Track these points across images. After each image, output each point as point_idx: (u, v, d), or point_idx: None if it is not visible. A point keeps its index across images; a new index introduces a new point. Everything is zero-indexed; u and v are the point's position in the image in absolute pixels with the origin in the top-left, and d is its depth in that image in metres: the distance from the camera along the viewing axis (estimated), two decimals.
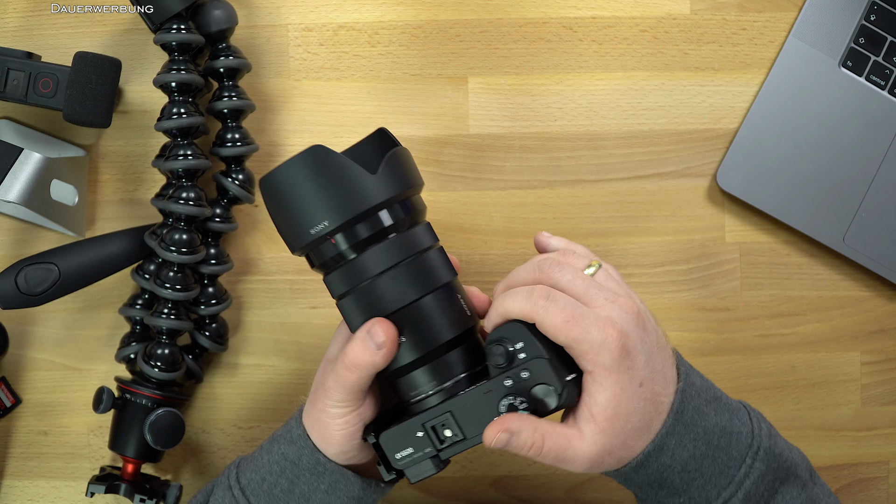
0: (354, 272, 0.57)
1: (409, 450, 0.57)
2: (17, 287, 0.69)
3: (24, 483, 0.77)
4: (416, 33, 0.78)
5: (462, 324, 0.58)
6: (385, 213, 0.56)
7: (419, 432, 0.56)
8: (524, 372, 0.54)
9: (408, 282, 0.57)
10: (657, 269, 0.79)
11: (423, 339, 0.57)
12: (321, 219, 0.56)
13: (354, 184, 0.56)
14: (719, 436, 0.59)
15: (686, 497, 0.59)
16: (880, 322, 0.80)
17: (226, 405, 0.78)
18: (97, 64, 0.68)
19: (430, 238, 0.59)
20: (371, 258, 0.56)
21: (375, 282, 0.57)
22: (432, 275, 0.57)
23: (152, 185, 0.77)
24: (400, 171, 0.58)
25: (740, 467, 0.58)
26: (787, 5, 0.79)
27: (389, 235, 0.57)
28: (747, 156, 0.78)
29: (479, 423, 0.55)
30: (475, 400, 0.55)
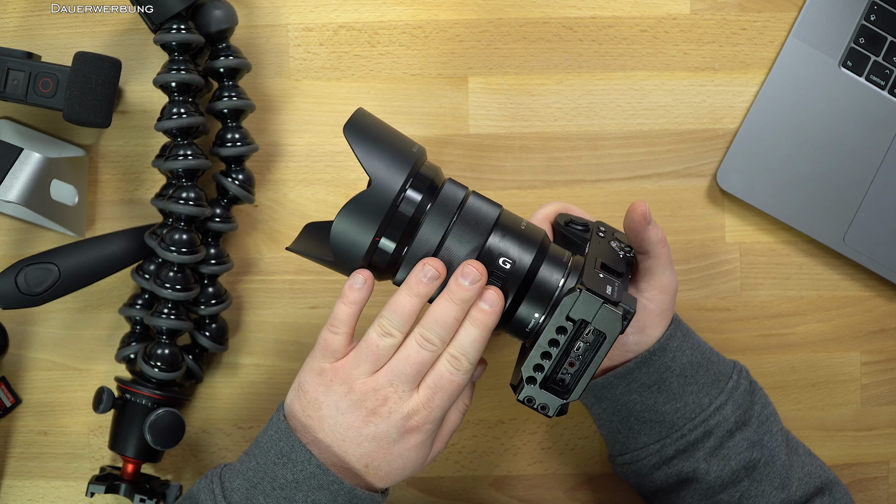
0: (449, 204, 0.59)
1: (609, 287, 0.58)
2: (17, 287, 0.69)
3: (24, 483, 0.77)
4: (416, 33, 0.78)
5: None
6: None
7: (600, 274, 0.59)
8: (601, 228, 0.67)
9: (486, 199, 0.61)
10: None
11: (530, 237, 0.61)
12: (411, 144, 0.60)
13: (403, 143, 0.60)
14: (709, 352, 0.67)
15: (682, 402, 0.65)
16: (880, 322, 0.80)
17: (226, 405, 0.78)
18: (97, 64, 0.68)
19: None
20: (451, 191, 0.60)
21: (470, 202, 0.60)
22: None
23: (152, 185, 0.77)
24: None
25: (728, 381, 0.66)
26: (787, 5, 0.79)
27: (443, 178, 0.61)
28: (747, 156, 0.78)
29: (617, 261, 0.62)
30: (600, 248, 0.63)
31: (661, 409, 0.65)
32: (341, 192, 0.77)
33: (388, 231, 0.58)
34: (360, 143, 0.58)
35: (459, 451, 0.79)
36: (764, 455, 0.65)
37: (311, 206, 0.77)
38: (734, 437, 0.65)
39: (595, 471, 0.79)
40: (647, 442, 0.66)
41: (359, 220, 0.57)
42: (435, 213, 0.58)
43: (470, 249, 0.58)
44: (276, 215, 0.77)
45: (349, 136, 0.58)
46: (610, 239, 0.65)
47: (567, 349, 0.57)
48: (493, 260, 0.59)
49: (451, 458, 0.78)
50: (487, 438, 0.79)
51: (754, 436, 0.65)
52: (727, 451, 0.65)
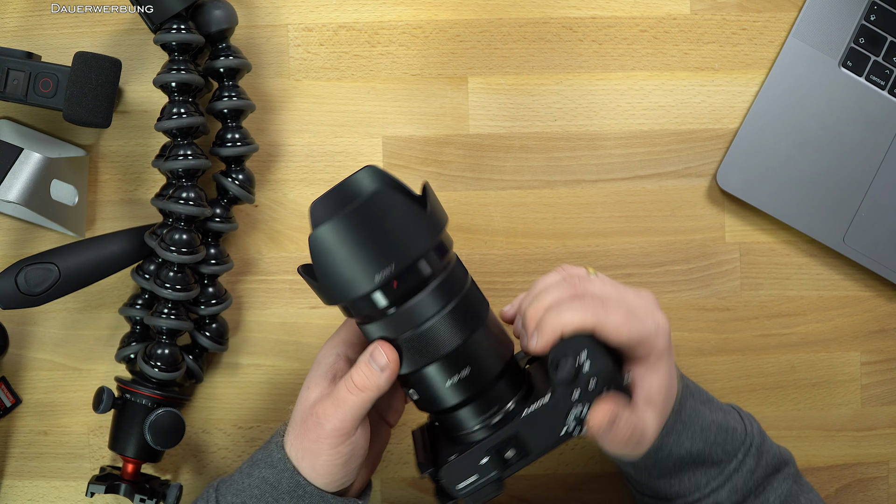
0: (407, 320, 0.56)
1: (473, 478, 0.56)
2: (17, 287, 0.69)
3: (24, 483, 0.77)
4: (416, 33, 0.78)
5: (507, 352, 0.58)
6: (432, 255, 0.56)
7: (484, 459, 0.56)
8: (592, 380, 0.55)
9: (456, 324, 0.56)
10: (657, 269, 0.79)
11: (477, 377, 0.56)
12: (386, 262, 0.54)
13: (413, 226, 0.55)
14: (716, 432, 0.62)
15: (676, 480, 0.63)
16: (880, 322, 0.80)
17: (226, 405, 0.78)
18: (97, 64, 0.68)
19: (466, 274, 0.58)
20: (421, 305, 0.55)
21: (432, 324, 0.56)
22: (475, 312, 0.57)
23: (152, 185, 0.77)
24: (437, 205, 0.57)
25: (731, 461, 0.62)
26: (787, 5, 0.79)
27: (433, 281, 0.55)
28: (747, 156, 0.78)
29: (545, 438, 0.56)
30: (541, 417, 0.55)
31: (654, 483, 0.64)
32: None
33: (388, 288, 0.55)
34: (343, 243, 0.54)
35: None
36: None
37: None
38: None
39: (595, 471, 0.79)
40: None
41: (367, 262, 0.54)
42: (443, 286, 0.55)
43: (454, 338, 0.56)
44: (276, 215, 0.77)
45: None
46: (581, 402, 0.55)
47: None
48: (469, 356, 0.56)
49: None
50: None
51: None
52: None
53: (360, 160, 0.77)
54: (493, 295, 0.77)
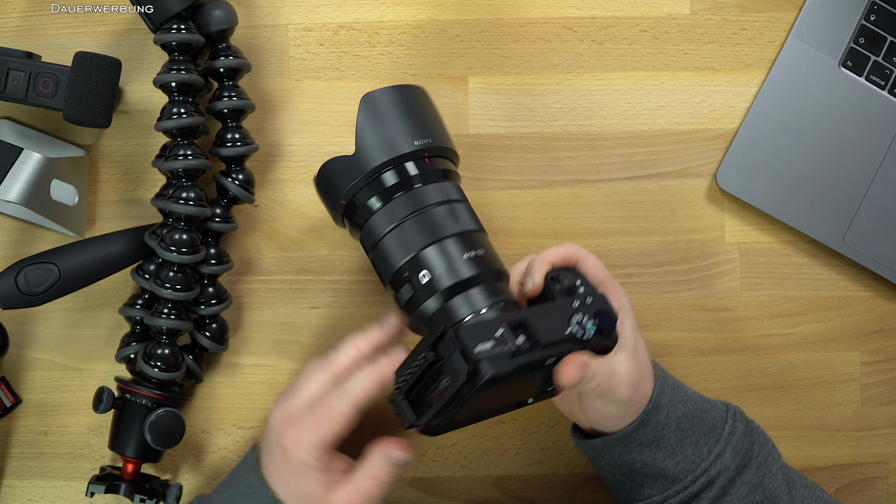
0: (422, 197, 0.62)
1: (489, 343, 0.55)
2: (17, 287, 0.69)
3: (24, 483, 0.77)
4: (416, 33, 0.78)
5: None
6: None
7: (500, 329, 0.56)
8: (588, 298, 0.60)
9: (472, 216, 0.63)
10: (657, 269, 0.79)
11: (489, 261, 0.61)
12: (425, 136, 0.63)
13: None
14: (700, 400, 0.67)
15: (682, 455, 0.64)
16: (880, 322, 0.80)
17: (226, 405, 0.78)
18: (97, 64, 0.68)
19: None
20: (445, 188, 0.63)
21: (454, 206, 0.63)
22: (482, 224, 0.64)
23: (152, 185, 0.77)
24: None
25: (724, 427, 0.66)
26: (787, 5, 0.79)
27: (455, 177, 0.65)
28: (747, 156, 0.78)
29: (552, 333, 0.57)
30: (548, 312, 0.58)
31: (661, 464, 0.65)
32: None
33: (370, 187, 0.62)
34: (392, 107, 0.63)
35: (459, 451, 0.79)
36: (766, 497, 0.65)
37: (311, 206, 0.77)
38: (735, 483, 0.65)
39: (595, 471, 0.79)
40: (651, 494, 0.66)
41: (348, 167, 0.63)
42: (412, 195, 0.62)
43: (420, 238, 0.61)
44: (276, 215, 0.77)
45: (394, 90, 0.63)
46: (582, 312, 0.60)
47: (434, 374, 0.56)
48: (416, 271, 0.60)
49: (451, 458, 0.78)
50: (487, 438, 0.79)
51: (755, 478, 0.65)
52: (730, 499, 0.64)
53: None
54: None
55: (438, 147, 0.63)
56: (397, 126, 0.62)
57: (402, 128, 0.63)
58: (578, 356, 0.58)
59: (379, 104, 0.63)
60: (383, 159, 0.62)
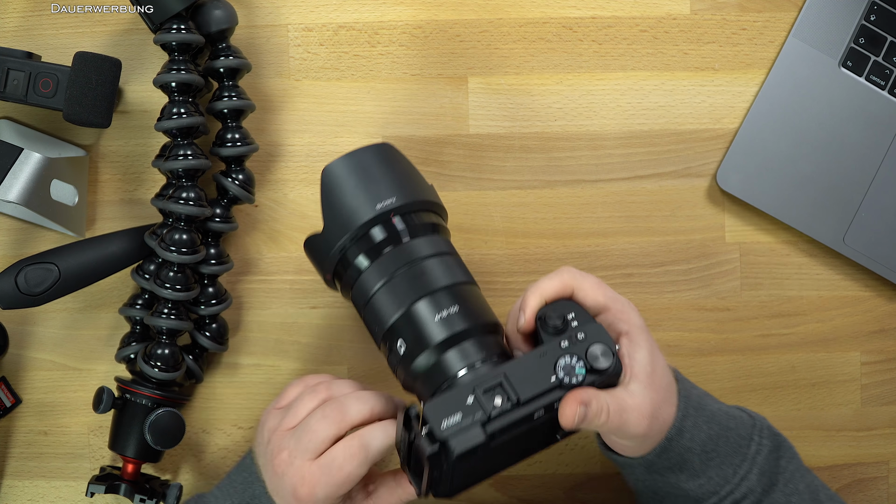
0: (403, 256, 0.60)
1: (457, 416, 0.53)
2: (17, 287, 0.69)
3: (24, 483, 0.77)
4: (416, 33, 0.78)
5: (495, 318, 0.61)
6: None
7: (469, 397, 0.54)
8: (580, 333, 0.56)
9: (449, 269, 0.61)
10: (657, 269, 0.79)
11: (472, 312, 0.59)
12: (388, 196, 0.61)
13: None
14: (725, 418, 0.62)
15: (706, 478, 0.61)
16: (880, 322, 0.80)
17: (226, 405, 0.78)
18: (97, 64, 0.67)
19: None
20: (423, 243, 0.61)
21: (425, 262, 0.60)
22: (467, 271, 0.62)
23: (152, 185, 0.77)
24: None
25: (750, 445, 0.62)
26: (787, 5, 0.79)
27: (431, 233, 0.62)
28: (747, 156, 0.78)
29: (533, 385, 0.54)
30: (531, 362, 0.55)
31: (684, 485, 0.62)
32: None
33: (360, 243, 0.61)
34: (382, 159, 0.63)
35: None
36: None
37: (311, 206, 0.77)
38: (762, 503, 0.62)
39: (595, 471, 0.79)
40: None
41: (321, 244, 0.62)
42: (382, 262, 0.61)
43: (391, 309, 0.59)
44: (276, 215, 0.77)
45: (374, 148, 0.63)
46: (570, 353, 0.56)
47: (416, 452, 0.54)
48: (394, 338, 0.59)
49: None
50: None
51: (781, 497, 0.62)
52: None
53: None
54: (493, 295, 0.77)
55: (406, 204, 0.62)
56: (356, 194, 0.61)
57: (361, 195, 0.61)
58: (579, 393, 0.55)
59: (336, 176, 0.62)
60: (345, 234, 0.61)
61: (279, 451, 0.62)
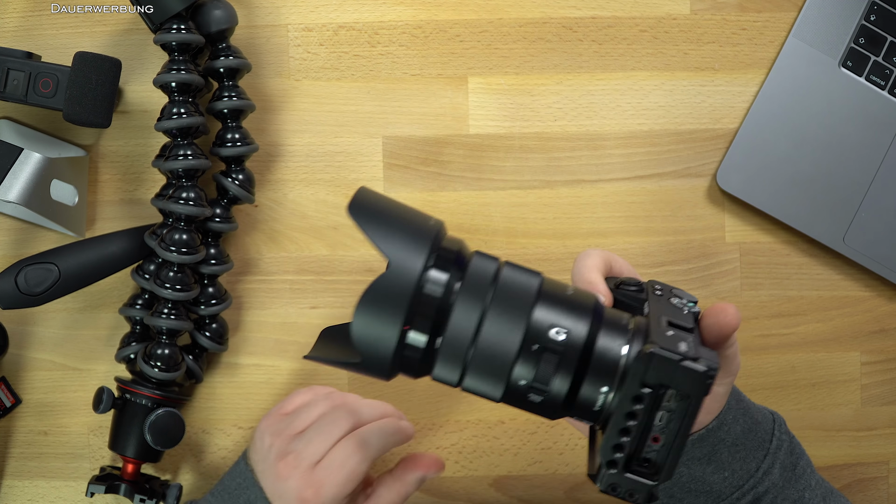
0: (482, 275, 0.51)
1: (682, 344, 0.48)
2: (17, 287, 0.69)
3: (24, 483, 0.77)
4: (416, 33, 0.78)
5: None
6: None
7: (669, 331, 0.49)
8: (656, 287, 0.55)
9: (521, 268, 0.52)
10: (657, 269, 0.79)
11: (580, 289, 0.52)
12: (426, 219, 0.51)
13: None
14: (754, 410, 0.61)
15: (730, 471, 0.60)
16: (880, 322, 0.80)
17: (226, 405, 0.78)
18: (97, 64, 0.67)
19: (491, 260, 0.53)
20: (479, 259, 0.52)
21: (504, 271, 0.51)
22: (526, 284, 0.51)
23: (152, 185, 0.77)
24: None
25: (771, 440, 0.61)
26: (787, 5, 0.79)
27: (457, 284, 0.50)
28: (747, 156, 0.78)
29: (683, 317, 0.51)
30: (661, 306, 0.52)
31: (708, 479, 0.60)
32: (341, 192, 0.77)
33: (416, 321, 0.49)
34: (370, 222, 0.49)
35: (459, 451, 0.79)
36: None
37: (311, 206, 0.77)
38: (778, 499, 0.61)
39: None
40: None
41: (380, 312, 0.48)
42: (466, 292, 0.50)
43: (513, 330, 0.49)
44: (276, 215, 0.77)
45: (356, 215, 0.49)
46: (669, 296, 0.54)
47: (648, 422, 0.47)
48: (544, 334, 0.48)
49: (451, 458, 0.78)
50: (487, 438, 0.79)
51: (795, 493, 0.61)
52: None
53: (360, 160, 0.77)
54: None
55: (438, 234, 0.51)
56: (403, 218, 0.50)
57: (408, 217, 0.50)
58: (719, 303, 0.53)
59: (369, 204, 0.50)
60: (422, 257, 0.49)
61: (283, 454, 0.62)
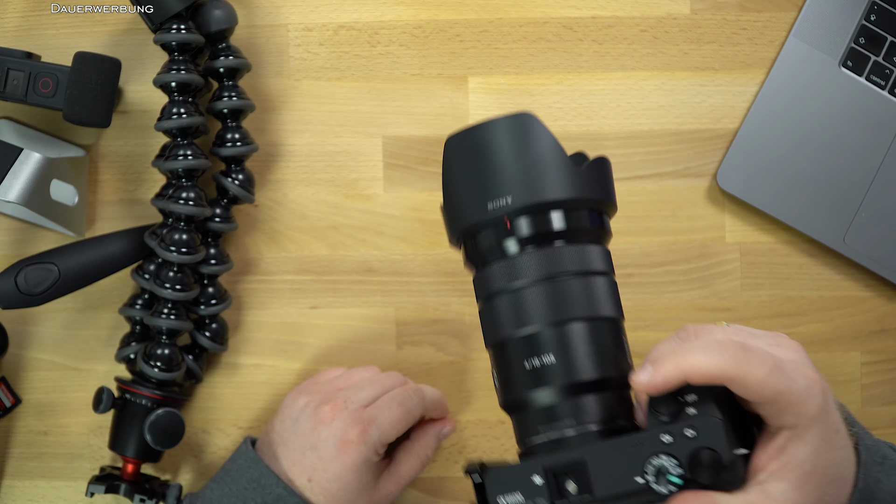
0: (576, 258, 0.50)
1: (517, 496, 0.46)
2: (17, 287, 0.69)
3: (24, 483, 0.77)
4: (416, 33, 0.78)
5: (615, 369, 0.48)
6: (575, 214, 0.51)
7: (537, 477, 0.46)
8: (689, 430, 0.44)
9: (616, 294, 0.51)
10: (657, 269, 0.79)
11: (561, 372, 0.48)
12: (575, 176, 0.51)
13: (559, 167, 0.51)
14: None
15: None
16: (880, 322, 0.80)
17: (226, 405, 0.78)
18: (97, 64, 0.68)
19: (607, 264, 0.52)
20: (596, 252, 0.52)
21: (596, 278, 0.50)
22: (599, 300, 0.50)
23: (152, 185, 0.77)
24: (603, 179, 0.54)
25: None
26: (787, 5, 0.79)
27: (573, 241, 0.50)
28: (747, 156, 0.78)
29: (613, 483, 0.45)
30: (618, 452, 0.45)
31: None
32: (341, 192, 0.77)
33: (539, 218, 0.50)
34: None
35: (459, 451, 0.78)
36: None
37: (311, 206, 0.77)
38: None
39: None
40: None
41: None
42: (563, 252, 0.51)
43: (555, 312, 0.48)
44: (276, 215, 0.77)
45: None
46: (670, 452, 0.45)
47: None
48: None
49: (451, 458, 0.78)
50: (487, 438, 0.79)
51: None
52: None
53: (360, 160, 0.77)
54: None
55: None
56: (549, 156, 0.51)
57: (555, 159, 0.51)
58: (696, 496, 0.44)
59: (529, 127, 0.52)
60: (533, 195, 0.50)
61: (328, 401, 0.64)
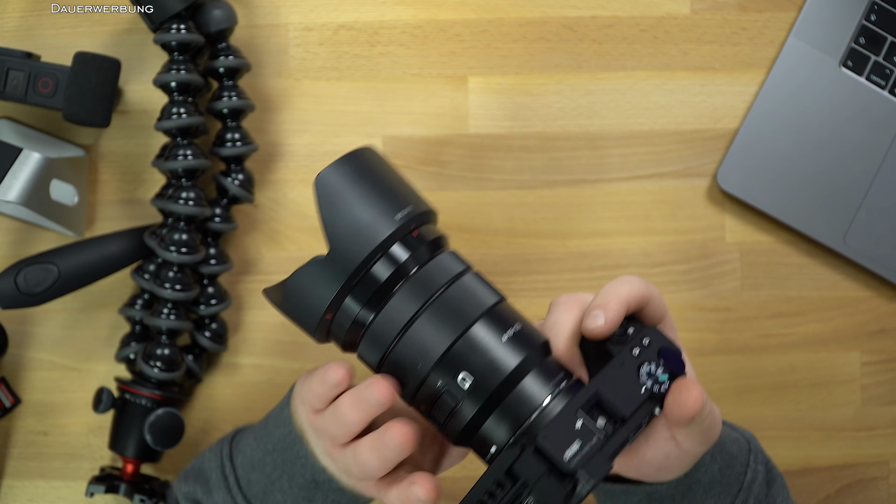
0: (438, 275, 0.51)
1: (576, 445, 0.46)
2: (16, 287, 0.69)
3: (23, 483, 0.77)
4: (416, 33, 0.78)
5: (537, 334, 0.52)
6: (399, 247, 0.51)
7: (577, 421, 0.47)
8: (645, 339, 0.49)
9: (487, 286, 0.52)
10: (657, 269, 0.79)
11: (532, 329, 0.51)
12: (404, 205, 0.51)
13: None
14: (729, 443, 0.58)
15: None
16: (881, 322, 0.80)
17: (226, 405, 0.78)
18: (97, 64, 0.68)
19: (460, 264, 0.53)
20: (448, 259, 0.52)
21: (464, 279, 0.51)
22: (492, 286, 0.52)
23: (152, 185, 0.77)
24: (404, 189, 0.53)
25: (747, 472, 0.58)
26: (787, 5, 0.79)
27: (410, 272, 0.51)
28: (747, 156, 0.78)
29: (629, 400, 0.48)
30: (613, 374, 0.48)
31: None
32: None
33: (356, 291, 0.50)
34: (360, 178, 0.51)
35: None
36: None
37: (311, 206, 0.77)
38: None
39: None
40: None
41: (326, 272, 0.51)
42: (414, 283, 0.50)
43: (441, 338, 0.49)
44: (276, 215, 0.77)
45: (349, 165, 0.51)
46: (643, 360, 0.49)
47: (513, 501, 0.47)
48: (466, 355, 0.49)
49: None
50: None
51: None
52: None
53: None
54: None
55: (421, 213, 0.52)
56: (369, 204, 0.51)
57: (376, 204, 0.51)
58: (686, 380, 0.49)
59: (336, 183, 0.51)
60: (367, 251, 0.50)
61: None
